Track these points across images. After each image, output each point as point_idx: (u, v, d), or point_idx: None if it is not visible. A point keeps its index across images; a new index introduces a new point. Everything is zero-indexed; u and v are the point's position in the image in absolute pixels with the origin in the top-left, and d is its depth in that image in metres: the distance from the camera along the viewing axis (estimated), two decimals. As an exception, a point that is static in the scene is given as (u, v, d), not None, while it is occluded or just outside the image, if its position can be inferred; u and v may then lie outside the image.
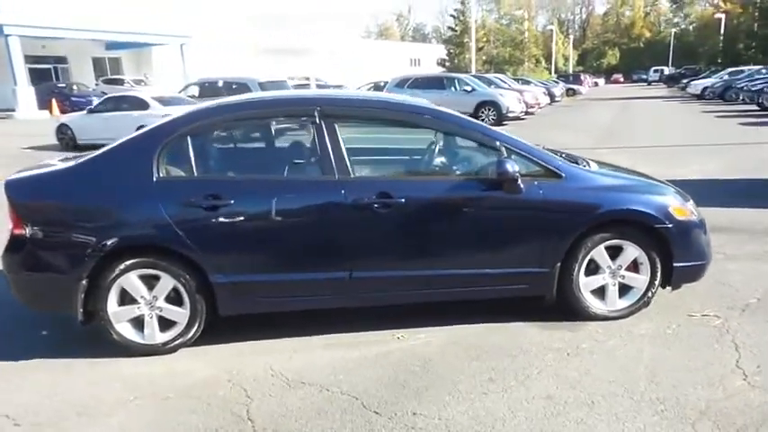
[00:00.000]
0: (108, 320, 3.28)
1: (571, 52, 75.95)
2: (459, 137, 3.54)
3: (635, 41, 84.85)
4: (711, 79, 30.96)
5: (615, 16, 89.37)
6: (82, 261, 3.17)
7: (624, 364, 3.09)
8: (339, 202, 3.26)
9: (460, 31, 42.49)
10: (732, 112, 20.42)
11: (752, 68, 29.45)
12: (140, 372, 3.20)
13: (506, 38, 51.12)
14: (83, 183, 3.28)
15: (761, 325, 3.51)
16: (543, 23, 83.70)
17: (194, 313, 3.34)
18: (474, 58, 32.81)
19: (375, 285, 3.41)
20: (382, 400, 2.84)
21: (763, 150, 11.09)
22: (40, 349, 3.48)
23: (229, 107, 3.48)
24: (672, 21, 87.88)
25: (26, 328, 3.82)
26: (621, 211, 3.47)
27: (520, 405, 2.75)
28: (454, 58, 42.98)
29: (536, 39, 58.04)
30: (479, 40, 40.56)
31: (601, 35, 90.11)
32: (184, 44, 31.26)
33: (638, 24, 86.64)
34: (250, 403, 2.85)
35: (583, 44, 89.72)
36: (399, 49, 61.82)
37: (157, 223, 3.20)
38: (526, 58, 49.35)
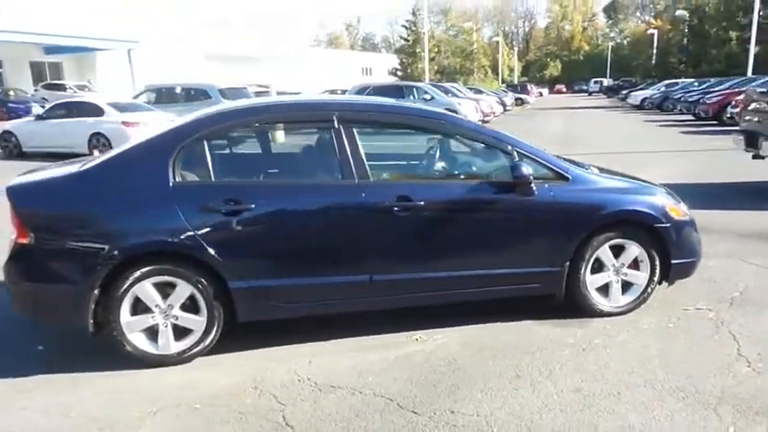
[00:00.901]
0: (120, 331, 3.17)
1: (516, 63, 78.41)
2: (474, 141, 3.63)
3: (575, 54, 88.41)
4: (650, 91, 32.63)
5: (556, 30, 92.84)
6: (93, 270, 3.06)
7: (638, 357, 3.24)
8: (360, 205, 3.28)
9: (413, 41, 43.13)
10: (671, 121, 21.58)
11: (685, 81, 31.27)
12: (158, 383, 3.11)
13: (457, 48, 52.20)
14: (93, 188, 3.16)
15: (751, 316, 3.74)
16: (489, 35, 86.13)
17: (211, 321, 3.27)
18: (427, 68, 33.34)
19: (395, 288, 3.44)
20: (417, 399, 2.86)
21: (711, 157, 11.78)
22: (38, 366, 3.31)
23: (247, 111, 3.45)
24: (608, 35, 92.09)
25: (16, 343, 3.64)
26: (625, 211, 3.64)
27: (551, 399, 2.84)
28: (407, 67, 43.56)
29: (484, 50, 59.52)
30: (431, 51, 41.22)
31: (543, 47, 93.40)
32: (132, 49, 30.30)
33: (577, 38, 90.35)
34: (284, 409, 2.82)
35: (526, 56, 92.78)
36: (351, 58, 62.02)
37: (175, 229, 3.12)
38: (476, 69, 50.55)
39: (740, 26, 36.61)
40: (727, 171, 9.45)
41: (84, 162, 3.48)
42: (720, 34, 38.62)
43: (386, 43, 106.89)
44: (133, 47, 30.22)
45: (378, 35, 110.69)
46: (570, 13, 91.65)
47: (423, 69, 39.70)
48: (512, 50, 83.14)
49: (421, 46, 41.75)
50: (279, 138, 3.70)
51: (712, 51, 39.29)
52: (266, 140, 3.73)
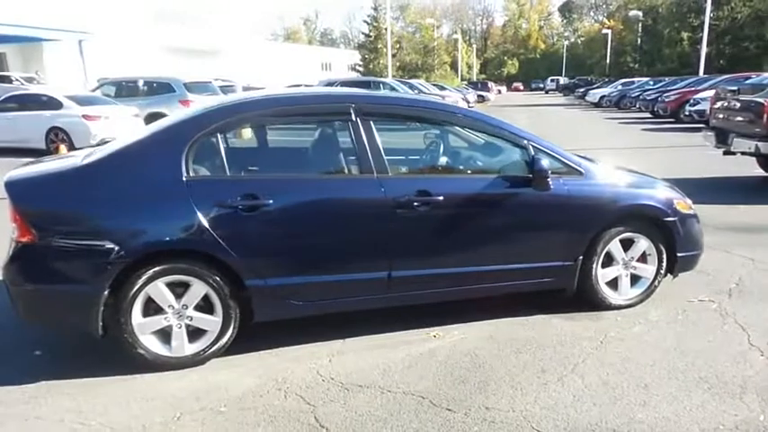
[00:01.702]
0: (132, 333, 3.01)
1: (475, 61, 79.27)
2: (490, 135, 3.60)
3: (532, 52, 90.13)
4: (607, 89, 33.53)
5: (513, 28, 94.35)
6: (103, 270, 2.89)
7: (656, 349, 3.29)
8: (379, 200, 3.21)
9: (374, 36, 43.01)
10: (631, 119, 22.23)
11: (641, 80, 32.30)
12: (176, 387, 2.97)
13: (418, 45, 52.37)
14: (101, 183, 2.98)
15: (752, 307, 3.86)
16: (447, 33, 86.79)
17: (227, 321, 3.15)
18: (390, 64, 33.30)
19: (413, 285, 3.39)
20: (449, 397, 2.83)
21: (676, 153, 12.18)
22: (41, 372, 3.11)
23: (261, 103, 3.32)
24: (563, 34, 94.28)
25: (10, 348, 3.42)
26: (636, 205, 3.70)
27: (582, 392, 2.85)
28: (369, 63, 43.44)
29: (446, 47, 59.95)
30: (393, 47, 41.23)
31: (501, 45, 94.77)
32: (83, 40, 29.08)
33: (533, 36, 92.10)
34: (314, 410, 2.73)
35: (484, 53, 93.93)
36: (310, 53, 61.33)
37: (190, 226, 2.98)
38: (437, 65, 50.85)
39: (692, 27, 38.05)
40: (695, 167, 9.76)
41: (86, 155, 3.29)
42: (673, 34, 40.05)
43: (344, 39, 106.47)
44: (85, 38, 29.04)
45: (336, 30, 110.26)
46: (527, 12, 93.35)
47: (385, 65, 39.69)
48: (470, 48, 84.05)
49: (383, 42, 41.74)
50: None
51: (665, 51, 40.73)
52: (283, 133, 3.61)
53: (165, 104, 15.25)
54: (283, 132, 3.63)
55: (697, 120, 17.31)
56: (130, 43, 33.29)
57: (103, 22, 30.36)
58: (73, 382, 3.01)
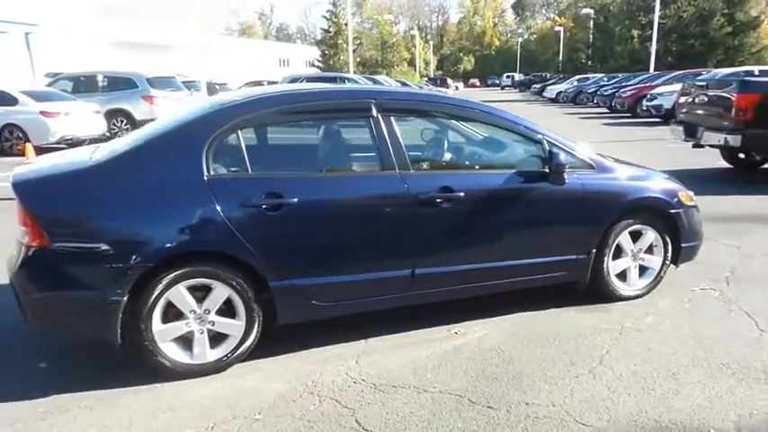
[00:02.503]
0: (152, 340, 2.88)
1: (431, 57, 79.77)
2: (506, 130, 3.59)
3: (487, 49, 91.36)
4: (564, 85, 34.32)
5: (468, 25, 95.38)
6: (123, 274, 2.75)
7: (673, 338, 3.36)
8: (403, 196, 3.17)
9: (334, 32, 42.67)
10: (589, 114, 22.81)
11: (596, 76, 33.21)
12: (201, 395, 2.85)
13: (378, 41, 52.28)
14: (119, 183, 2.82)
15: (751, 293, 4.00)
16: (404, 29, 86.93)
17: (250, 325, 3.05)
18: (351, 60, 33.12)
19: (436, 282, 3.36)
20: (486, 394, 2.81)
21: (639, 146, 12.54)
22: (50, 384, 2.93)
23: (283, 98, 3.22)
24: (516, 31, 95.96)
25: (12, 361, 3.22)
26: (645, 198, 3.77)
27: (615, 383, 2.88)
28: (329, 59, 43.06)
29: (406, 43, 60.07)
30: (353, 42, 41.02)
31: (456, 42, 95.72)
32: (31, 33, 27.72)
33: (488, 33, 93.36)
34: (354, 414, 2.67)
35: (441, 50, 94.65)
36: (267, 48, 60.41)
37: (214, 227, 2.87)
38: (397, 61, 50.89)
39: (641, 25, 39.35)
40: (660, 159, 10.07)
41: (93, 152, 3.13)
42: (624, 32, 41.31)
43: (301, 34, 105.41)
44: (32, 30, 27.69)
45: (292, 26, 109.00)
46: (481, 9, 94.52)
47: (345, 61, 39.48)
48: (427, 44, 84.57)
49: (342, 38, 41.49)
50: (317, 126, 3.47)
51: (617, 48, 42.00)
52: (303, 129, 3.50)
53: (126, 100, 14.78)
54: (302, 129, 3.53)
55: (654, 114, 17.95)
56: (80, 37, 31.98)
57: (51, 15, 29.05)
58: (88, 394, 2.85)
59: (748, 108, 7.37)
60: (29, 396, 2.83)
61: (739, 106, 7.41)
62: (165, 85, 15.50)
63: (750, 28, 39.12)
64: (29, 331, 3.39)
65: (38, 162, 3.24)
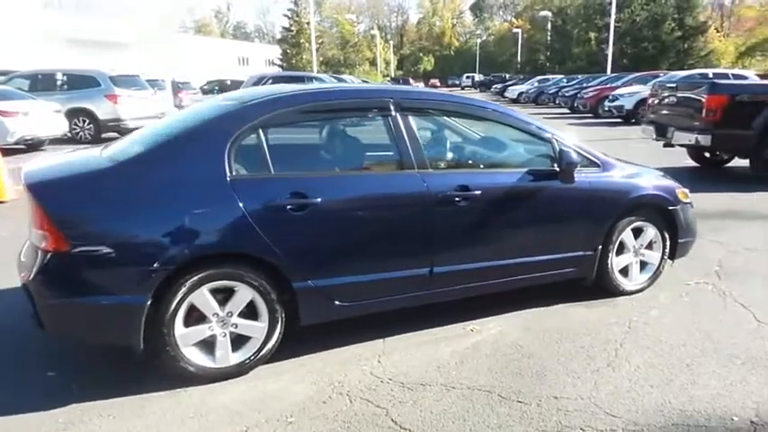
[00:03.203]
0: (174, 345, 2.80)
1: (392, 57, 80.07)
2: (518, 130, 3.64)
3: (446, 49, 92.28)
4: (525, 85, 35.01)
5: (428, 25, 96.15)
6: (147, 278, 2.67)
7: (680, 330, 3.49)
8: (422, 194, 3.18)
9: (296, 31, 42.29)
10: (552, 114, 23.31)
11: (556, 77, 34.02)
12: (227, 399, 2.79)
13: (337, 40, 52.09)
14: (141, 184, 2.74)
15: (742, 286, 4.19)
16: (364, 29, 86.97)
17: (273, 327, 3.00)
18: (315, 59, 32.91)
19: (453, 280, 3.38)
20: (514, 389, 2.85)
21: (607, 146, 12.90)
22: (65, 393, 2.82)
23: (304, 97, 3.18)
24: (475, 32, 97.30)
25: (18, 369, 3.08)
26: (648, 195, 3.90)
27: (635, 376, 2.97)
28: (291, 58, 42.64)
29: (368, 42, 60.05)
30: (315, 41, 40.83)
31: (416, 42, 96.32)
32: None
33: (447, 34, 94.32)
34: (388, 413, 2.66)
35: (401, 50, 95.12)
36: (226, 46, 59.41)
37: (239, 228, 2.82)
38: (360, 61, 50.84)
39: (597, 28, 40.53)
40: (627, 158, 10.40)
41: (103, 149, 3.03)
42: (581, 35, 42.51)
43: (259, 33, 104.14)
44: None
45: (250, 24, 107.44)
46: (440, 10, 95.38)
47: (308, 60, 39.25)
48: (387, 44, 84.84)
49: (304, 36, 41.20)
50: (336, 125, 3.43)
51: (575, 50, 43.15)
52: (322, 129, 3.46)
53: (89, 99, 14.27)
54: (322, 128, 3.49)
55: (616, 115, 18.53)
56: (23, 32, 30.64)
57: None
58: (109, 402, 2.75)
59: (717, 109, 7.69)
60: (46, 406, 2.71)
61: (709, 107, 7.73)
62: (129, 84, 15.04)
63: (698, 33, 40.86)
64: (38, 337, 3.26)
65: (46, 161, 3.11)
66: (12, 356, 3.23)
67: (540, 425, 2.56)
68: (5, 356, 3.24)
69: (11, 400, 2.77)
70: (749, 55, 41.91)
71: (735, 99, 7.68)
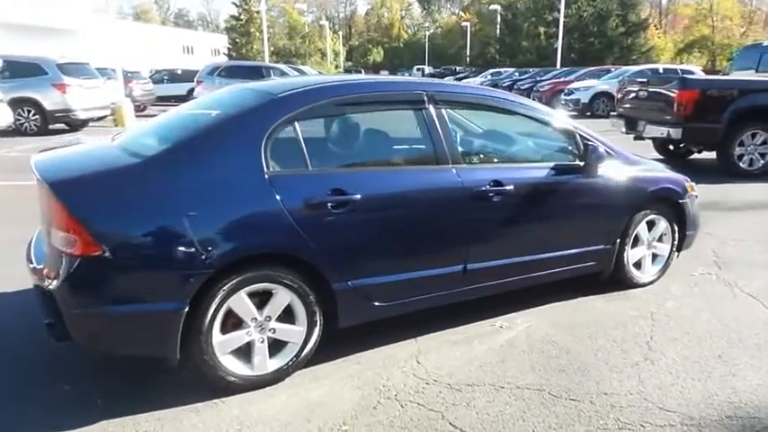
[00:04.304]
0: (212, 354, 2.62)
1: (341, 48, 79.37)
2: (543, 124, 3.61)
3: (395, 41, 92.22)
4: (479, 78, 35.37)
5: (376, 16, 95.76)
6: (184, 283, 2.48)
7: (699, 321, 3.56)
8: (458, 190, 3.10)
9: (246, 20, 41.19)
10: (508, 107, 23.71)
11: (508, 70, 34.64)
12: (271, 408, 2.64)
13: (286, 30, 51.11)
14: (175, 181, 2.53)
15: (744, 276, 4.32)
16: (312, 19, 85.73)
17: (311, 330, 2.86)
18: (267, 49, 32.11)
19: (485, 276, 3.32)
20: (563, 387, 2.82)
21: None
22: (90, 409, 2.60)
23: (337, 88, 3.02)
24: (423, 25, 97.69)
25: (28, 384, 2.81)
26: (661, 189, 3.95)
27: (675, 369, 2.99)
28: (241, 47, 41.50)
29: (319, 33, 59.21)
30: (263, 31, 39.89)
31: (365, 33, 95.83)
32: None
33: (396, 25, 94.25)
34: (444, 416, 2.58)
35: (349, 41, 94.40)
36: (170, 34, 57.23)
37: (278, 228, 2.66)
38: (312, 51, 50.07)
39: (546, 22, 41.44)
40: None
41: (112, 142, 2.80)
42: (531, 29, 43.35)
43: (203, 21, 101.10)
44: None
45: (193, 12, 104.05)
46: (388, 1, 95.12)
47: (258, 50, 38.38)
48: (336, 35, 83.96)
49: (255, 25, 40.22)
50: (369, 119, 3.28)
51: (524, 44, 43.98)
52: (356, 122, 3.30)
53: (34, 89, 13.41)
54: (357, 121, 3.33)
55: (572, 108, 18.97)
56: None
57: None
58: (143, 417, 2.54)
59: (688, 103, 7.96)
60: (71, 424, 2.48)
61: (680, 102, 7.99)
62: (79, 73, 14.22)
63: (640, 29, 42.45)
64: (38, 346, 3.01)
65: (56, 156, 2.83)
66: (15, 368, 2.95)
67: (599, 423, 2.54)
68: (8, 368, 2.95)
69: (25, 418, 2.52)
70: (687, 51, 44.03)
71: (705, 94, 7.97)
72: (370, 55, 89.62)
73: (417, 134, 3.15)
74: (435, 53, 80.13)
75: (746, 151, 8.22)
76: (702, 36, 45.50)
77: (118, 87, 15.92)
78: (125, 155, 2.72)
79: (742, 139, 8.11)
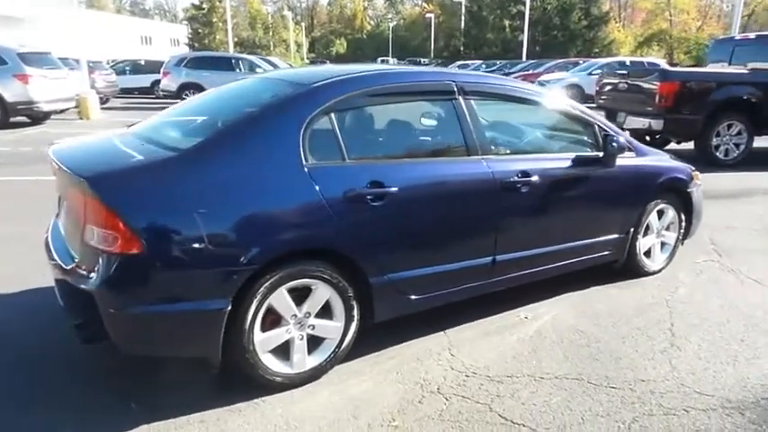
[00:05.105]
0: (254, 353, 2.55)
1: (304, 39, 78.44)
2: (564, 115, 3.62)
3: (358, 32, 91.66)
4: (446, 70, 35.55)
5: (339, 7, 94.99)
6: (228, 280, 2.40)
7: (715, 306, 3.65)
8: (489, 181, 3.09)
9: (208, 9, 40.21)
10: (478, 98, 23.90)
11: (475, 62, 34.86)
12: (314, 407, 2.58)
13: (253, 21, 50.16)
14: (216, 174, 2.42)
15: (745, 262, 4.47)
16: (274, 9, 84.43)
17: (348, 326, 2.81)
18: (231, 39, 31.42)
19: (511, 268, 3.33)
20: (600, 375, 2.85)
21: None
22: (121, 413, 2.49)
23: (370, 79, 2.94)
24: (386, 16, 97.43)
25: (56, 389, 2.68)
26: (672, 178, 4.03)
27: (702, 354, 3.06)
28: (204, 38, 40.51)
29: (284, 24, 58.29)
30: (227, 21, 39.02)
31: (327, 25, 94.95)
32: None
33: (359, 17, 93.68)
34: (491, 408, 2.57)
35: (312, 32, 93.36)
36: (126, 23, 55.32)
37: (319, 221, 2.59)
38: (276, 42, 49.28)
39: (512, 15, 41.89)
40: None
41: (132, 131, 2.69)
42: (496, 21, 43.74)
43: (160, 10, 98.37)
44: None
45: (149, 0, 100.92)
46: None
47: (221, 41, 37.60)
48: (298, 26, 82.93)
49: (217, 15, 39.34)
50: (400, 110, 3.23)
51: (490, 36, 44.36)
52: (389, 112, 3.23)
53: (-7, 79, 12.75)
54: (390, 112, 3.26)
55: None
56: None
57: None
58: (184, 420, 2.45)
59: (669, 95, 8.16)
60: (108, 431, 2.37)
61: (662, 93, 8.18)
62: (41, 63, 13.58)
63: (602, 22, 43.33)
64: (71, 349, 2.88)
65: (81, 149, 2.68)
66: (37, 371, 2.80)
67: (644, 409, 2.57)
68: (30, 371, 2.79)
69: (56, 426, 2.40)
70: (646, 45, 45.25)
71: (685, 86, 8.18)
72: (333, 46, 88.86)
73: (448, 125, 3.11)
74: (399, 45, 79.99)
75: (722, 142, 8.49)
76: (661, 30, 46.81)
77: (82, 78, 15.32)
78: (156, 147, 2.60)
79: (719, 130, 8.37)
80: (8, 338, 3.13)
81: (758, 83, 8.30)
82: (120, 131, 3.11)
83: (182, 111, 3.21)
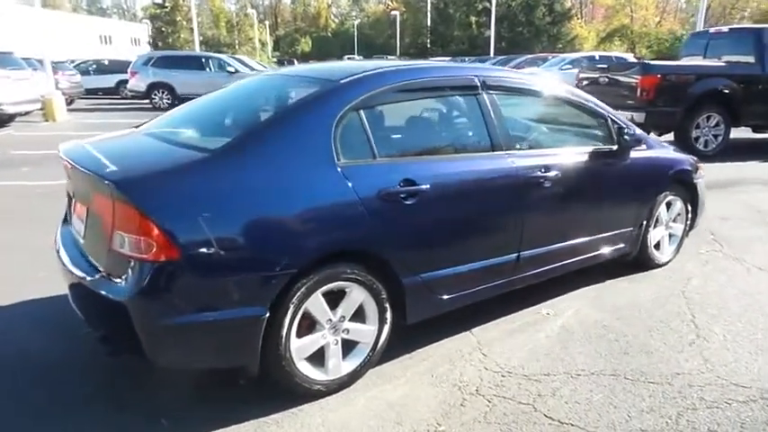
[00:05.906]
0: (290, 360, 2.44)
1: (268, 38, 77.51)
2: (579, 109, 3.59)
3: (323, 31, 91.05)
4: (415, 67, 35.62)
5: (302, 5, 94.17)
6: (266, 286, 2.29)
7: (729, 296, 3.68)
8: (513, 177, 3.04)
9: (171, 7, 39.26)
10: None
11: (443, 59, 34.99)
12: (354, 414, 2.48)
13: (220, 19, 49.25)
14: (250, 175, 2.30)
15: (748, 251, 4.53)
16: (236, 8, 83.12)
17: (381, 329, 2.73)
18: (197, 38, 30.73)
19: (534, 264, 3.28)
20: (636, 370, 2.82)
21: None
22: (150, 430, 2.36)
23: (396, 75, 2.84)
24: (350, 14, 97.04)
25: (78, 404, 2.51)
26: (680, 170, 4.06)
27: (730, 346, 3.07)
28: (167, 36, 39.54)
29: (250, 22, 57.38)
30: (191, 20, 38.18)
31: (291, 23, 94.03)
32: None
33: (323, 15, 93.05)
34: (536, 408, 2.52)
35: (276, 30, 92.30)
36: (84, 22, 53.62)
37: (355, 222, 2.49)
38: (243, 41, 48.49)
39: (477, 12, 42.19)
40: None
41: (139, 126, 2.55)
42: (463, 18, 43.98)
43: (118, 9, 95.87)
44: None
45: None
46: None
47: (186, 39, 36.82)
48: (262, 24, 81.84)
49: (181, 14, 38.51)
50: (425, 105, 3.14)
51: (456, 33, 44.59)
52: (415, 109, 3.14)
53: (-47, 80, 12.18)
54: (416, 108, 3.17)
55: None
56: None
57: None
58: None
59: (650, 89, 8.29)
60: (142, 450, 2.23)
61: (643, 87, 8.30)
62: (4, 63, 13.08)
63: (565, 18, 44.04)
64: (88, 361, 2.71)
65: (100, 150, 2.51)
66: (55, 385, 2.62)
67: (687, 404, 2.55)
68: (46, 385, 2.61)
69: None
70: (609, 40, 46.17)
71: (666, 79, 8.32)
72: (297, 45, 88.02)
73: (473, 121, 3.05)
74: (364, 43, 79.79)
75: (702, 133, 8.67)
76: (623, 25, 47.84)
77: (47, 79, 14.74)
78: (179, 147, 2.46)
79: (698, 122, 8.54)
80: (25, 353, 2.94)
81: (735, 75, 8.50)
82: (130, 131, 2.94)
83: (196, 110, 3.06)
